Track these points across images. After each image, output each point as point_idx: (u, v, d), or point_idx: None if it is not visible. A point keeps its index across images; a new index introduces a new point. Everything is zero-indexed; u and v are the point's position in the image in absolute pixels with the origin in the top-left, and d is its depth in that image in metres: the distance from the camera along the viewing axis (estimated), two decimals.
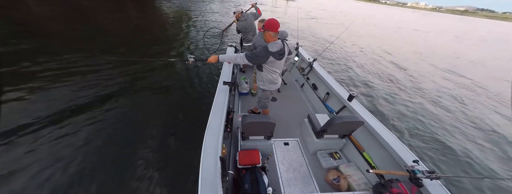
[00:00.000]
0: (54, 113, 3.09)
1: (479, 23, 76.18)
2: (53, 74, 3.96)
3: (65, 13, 8.26)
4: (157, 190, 2.31)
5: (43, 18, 7.19)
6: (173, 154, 2.78)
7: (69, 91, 3.60)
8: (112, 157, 2.61)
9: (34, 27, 6.01)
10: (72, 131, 2.85)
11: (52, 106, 3.21)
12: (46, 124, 2.86)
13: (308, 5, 38.14)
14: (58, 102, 3.31)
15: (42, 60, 4.31)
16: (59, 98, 3.40)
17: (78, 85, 3.79)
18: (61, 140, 2.68)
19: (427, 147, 3.77)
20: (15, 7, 7.23)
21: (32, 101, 3.26)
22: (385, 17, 40.70)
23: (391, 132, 2.11)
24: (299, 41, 4.75)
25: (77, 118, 3.10)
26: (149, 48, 6.36)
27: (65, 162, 2.42)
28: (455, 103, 5.86)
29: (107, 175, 2.38)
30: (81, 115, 3.15)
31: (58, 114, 3.08)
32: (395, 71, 8.07)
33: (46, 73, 3.94)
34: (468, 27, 46.34)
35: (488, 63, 11.85)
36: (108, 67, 4.60)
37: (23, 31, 5.49)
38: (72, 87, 3.72)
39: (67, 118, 3.03)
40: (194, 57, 2.27)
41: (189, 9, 13.94)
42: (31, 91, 3.43)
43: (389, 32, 19.92)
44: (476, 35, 30.35)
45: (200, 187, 1.31)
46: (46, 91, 3.51)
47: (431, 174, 1.51)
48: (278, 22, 2.01)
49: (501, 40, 27.02)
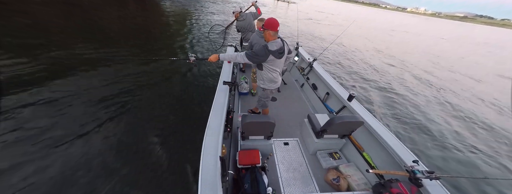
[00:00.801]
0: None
1: (473, 29, 78.36)
2: (52, 71, 3.97)
3: (66, 10, 8.27)
4: (157, 190, 2.31)
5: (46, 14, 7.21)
6: (173, 154, 2.78)
7: (69, 92, 3.60)
8: (110, 157, 2.60)
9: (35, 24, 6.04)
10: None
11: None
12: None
13: (309, 8, 38.21)
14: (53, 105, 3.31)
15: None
16: (53, 100, 3.39)
17: (78, 86, 3.78)
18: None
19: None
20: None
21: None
22: (384, 21, 40.88)
23: (390, 132, 2.11)
24: (299, 41, 4.75)
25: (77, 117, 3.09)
26: (152, 46, 6.40)
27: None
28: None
29: (107, 176, 2.38)
30: (81, 115, 3.15)
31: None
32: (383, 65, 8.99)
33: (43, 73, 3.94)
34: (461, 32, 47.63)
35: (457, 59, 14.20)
36: (109, 66, 4.62)
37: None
38: (70, 87, 3.71)
39: (58, 116, 3.02)
40: (195, 56, 2.28)
41: (193, 8, 13.97)
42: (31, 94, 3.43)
43: (385, 35, 20.44)
44: (468, 40, 32.39)
45: (200, 187, 1.31)
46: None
47: (430, 174, 1.51)
48: (277, 21, 2.01)
49: (485, 43, 29.88)
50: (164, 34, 7.94)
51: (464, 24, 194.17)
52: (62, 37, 5.69)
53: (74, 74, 4.09)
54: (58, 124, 2.89)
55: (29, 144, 2.53)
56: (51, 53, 4.69)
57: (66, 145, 2.62)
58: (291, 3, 39.52)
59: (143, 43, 6.63)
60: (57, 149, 2.54)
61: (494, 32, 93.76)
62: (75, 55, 4.82)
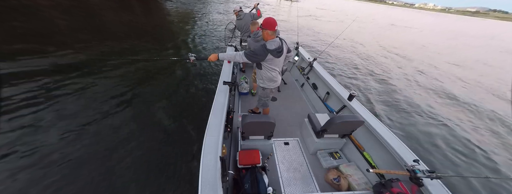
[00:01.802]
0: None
1: (475, 23, 78.18)
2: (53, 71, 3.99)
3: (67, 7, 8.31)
4: (157, 190, 2.31)
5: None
6: (173, 154, 2.78)
7: (69, 94, 3.61)
8: (108, 156, 2.61)
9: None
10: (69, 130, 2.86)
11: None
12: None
13: (312, 6, 38.11)
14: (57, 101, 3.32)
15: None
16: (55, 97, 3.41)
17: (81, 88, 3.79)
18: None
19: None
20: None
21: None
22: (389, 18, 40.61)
23: (391, 131, 2.11)
24: (299, 39, 4.75)
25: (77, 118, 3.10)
26: (155, 47, 6.45)
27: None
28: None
29: (106, 174, 2.38)
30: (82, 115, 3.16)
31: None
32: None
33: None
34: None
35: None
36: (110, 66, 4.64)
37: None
38: (76, 85, 3.73)
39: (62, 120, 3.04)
40: (195, 55, 2.30)
41: (198, 9, 14.03)
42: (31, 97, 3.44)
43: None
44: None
45: (200, 187, 1.31)
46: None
47: (431, 173, 1.51)
48: (275, 20, 2.02)
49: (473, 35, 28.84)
50: (166, 36, 7.96)
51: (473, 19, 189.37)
52: (71, 39, 5.72)
53: (76, 77, 4.10)
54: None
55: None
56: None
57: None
58: (294, 2, 39.46)
59: (146, 44, 6.68)
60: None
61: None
62: (76, 57, 4.83)
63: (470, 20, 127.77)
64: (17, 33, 5.22)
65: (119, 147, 2.75)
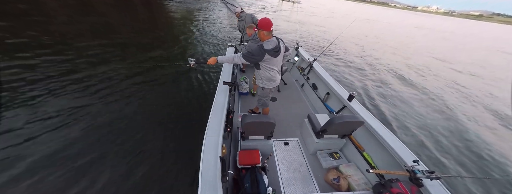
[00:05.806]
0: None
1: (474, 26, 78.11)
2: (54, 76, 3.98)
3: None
4: (157, 190, 2.31)
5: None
6: (173, 154, 2.78)
7: (70, 96, 3.60)
8: (107, 156, 2.61)
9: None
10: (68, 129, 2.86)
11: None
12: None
13: (314, 7, 38.01)
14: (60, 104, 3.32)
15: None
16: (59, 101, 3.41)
17: (81, 91, 3.77)
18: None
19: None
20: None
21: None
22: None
23: (391, 131, 2.11)
24: (299, 40, 4.76)
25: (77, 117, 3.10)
26: (155, 54, 6.35)
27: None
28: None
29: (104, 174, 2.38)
30: (81, 116, 3.16)
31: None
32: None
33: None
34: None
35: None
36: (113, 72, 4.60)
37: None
38: (73, 94, 3.69)
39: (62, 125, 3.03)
40: (194, 60, 2.35)
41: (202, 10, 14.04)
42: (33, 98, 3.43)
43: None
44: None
45: (200, 187, 1.31)
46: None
47: (431, 174, 1.51)
48: (270, 21, 2.04)
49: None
50: (167, 43, 7.84)
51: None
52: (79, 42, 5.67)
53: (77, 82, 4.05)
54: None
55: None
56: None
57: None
58: (295, 3, 39.45)
59: (154, 47, 6.64)
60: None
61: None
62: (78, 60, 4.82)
63: (479, 24, 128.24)
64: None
65: (116, 147, 2.75)
